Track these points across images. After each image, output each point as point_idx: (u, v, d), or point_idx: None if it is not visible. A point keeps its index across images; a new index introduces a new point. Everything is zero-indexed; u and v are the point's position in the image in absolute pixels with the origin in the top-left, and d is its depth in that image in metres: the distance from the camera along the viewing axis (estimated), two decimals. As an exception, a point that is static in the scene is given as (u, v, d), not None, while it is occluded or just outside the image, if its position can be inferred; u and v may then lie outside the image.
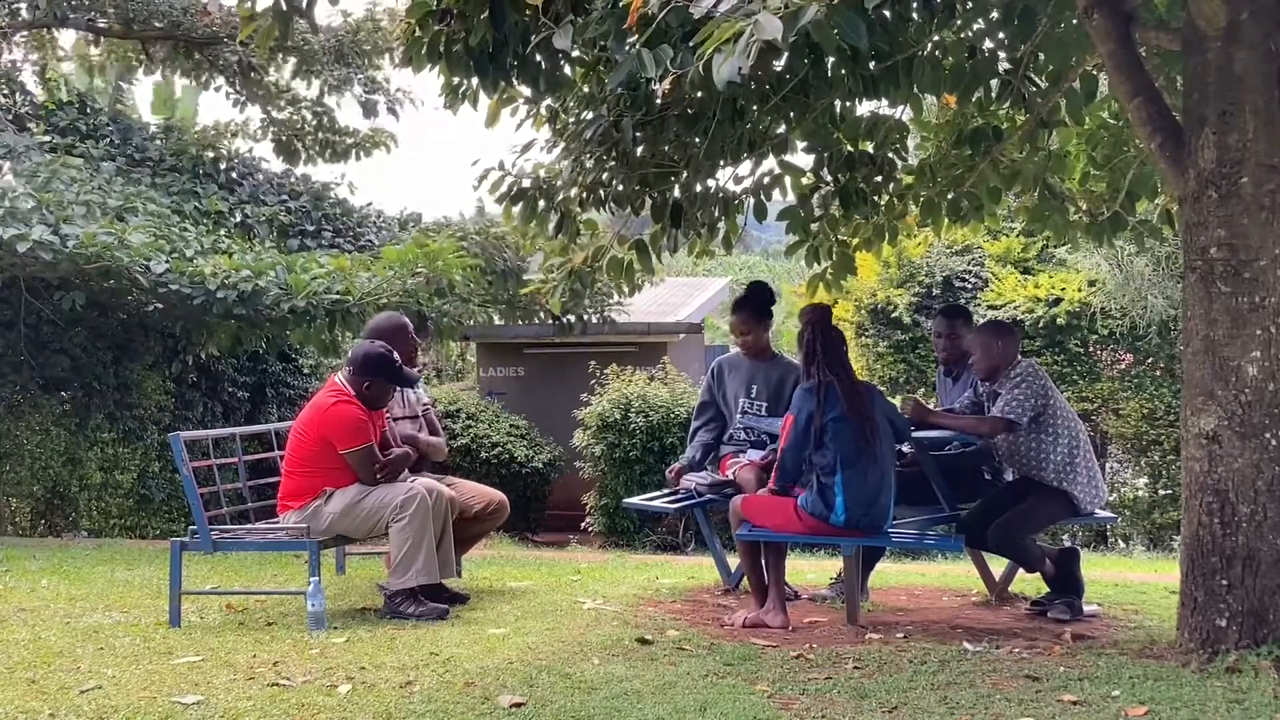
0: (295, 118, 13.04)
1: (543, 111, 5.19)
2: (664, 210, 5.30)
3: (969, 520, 5.62)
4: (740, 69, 2.86)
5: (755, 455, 5.92)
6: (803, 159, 5.64)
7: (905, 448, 6.17)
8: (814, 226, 5.89)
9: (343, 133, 13.20)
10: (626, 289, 5.79)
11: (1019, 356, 5.60)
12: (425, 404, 6.30)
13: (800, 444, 5.10)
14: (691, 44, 3.24)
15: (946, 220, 5.93)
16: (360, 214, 12.53)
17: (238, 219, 11.36)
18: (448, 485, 5.88)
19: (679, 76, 3.57)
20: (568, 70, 4.87)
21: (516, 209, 5.26)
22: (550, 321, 11.76)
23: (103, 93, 12.46)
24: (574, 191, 5.09)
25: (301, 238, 11.75)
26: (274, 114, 13.07)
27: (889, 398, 6.07)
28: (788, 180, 5.61)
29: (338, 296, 8.89)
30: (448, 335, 10.45)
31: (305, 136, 13.06)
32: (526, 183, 5.26)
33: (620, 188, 5.12)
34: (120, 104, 12.38)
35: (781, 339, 20.68)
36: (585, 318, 11.71)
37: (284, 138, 13.04)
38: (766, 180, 5.54)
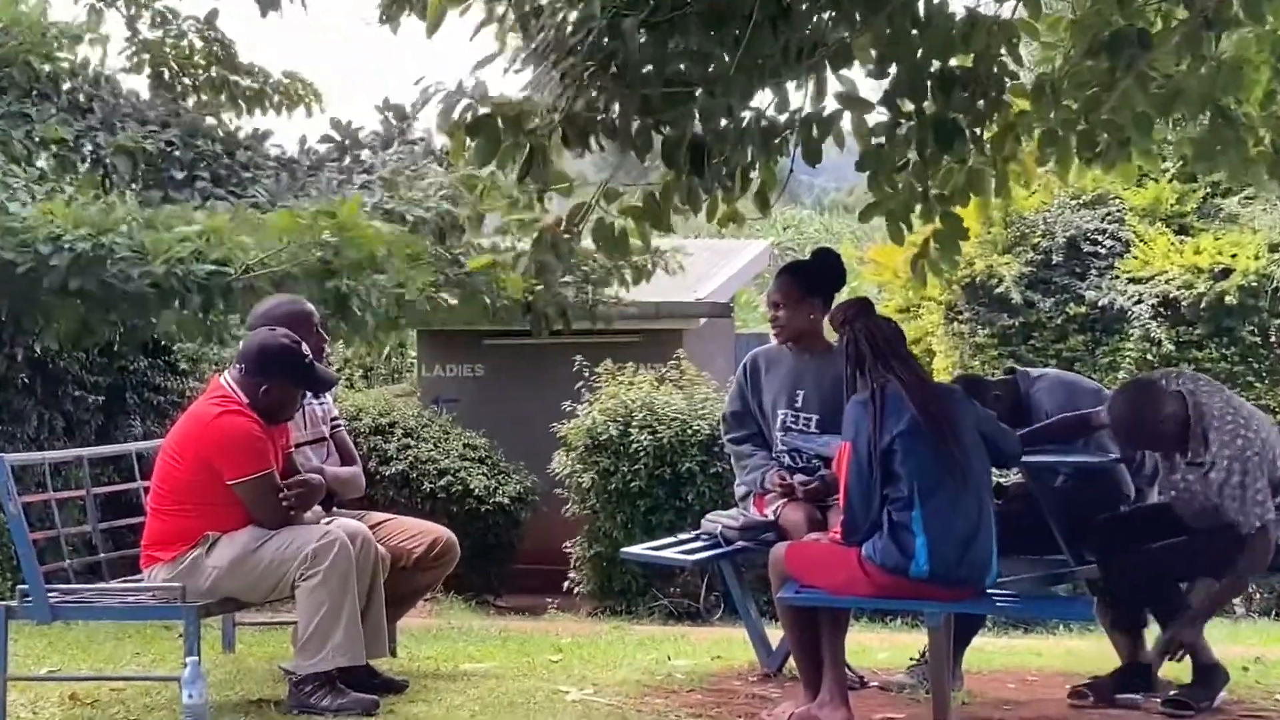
0: (176, 41, 12.92)
1: (509, 12, 5.15)
2: (679, 150, 5.24)
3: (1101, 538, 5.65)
4: None
5: (797, 485, 5.91)
6: (868, 84, 5.56)
7: (1011, 476, 6.17)
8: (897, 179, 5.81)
9: (246, 72, 13.11)
10: (629, 274, 5.70)
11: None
12: (335, 421, 6.29)
13: (866, 480, 5.08)
14: None
15: (1076, 160, 5.89)
16: (251, 153, 12.44)
17: (87, 150, 11.28)
18: (374, 526, 5.87)
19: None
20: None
21: (473, 143, 5.23)
22: (521, 313, 11.50)
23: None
24: (555, 118, 5.03)
25: (167, 186, 11.67)
26: (143, 30, 12.96)
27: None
28: (851, 120, 5.54)
29: (214, 268, 8.78)
30: (384, 329, 10.34)
31: (193, 71, 12.95)
32: (487, 108, 5.22)
33: (617, 118, 5.07)
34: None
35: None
36: (567, 306, 11.48)
37: (163, 71, 12.94)
38: (827, 114, 5.47)
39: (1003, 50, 5.50)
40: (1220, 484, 5.42)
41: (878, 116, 5.61)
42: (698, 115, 5.35)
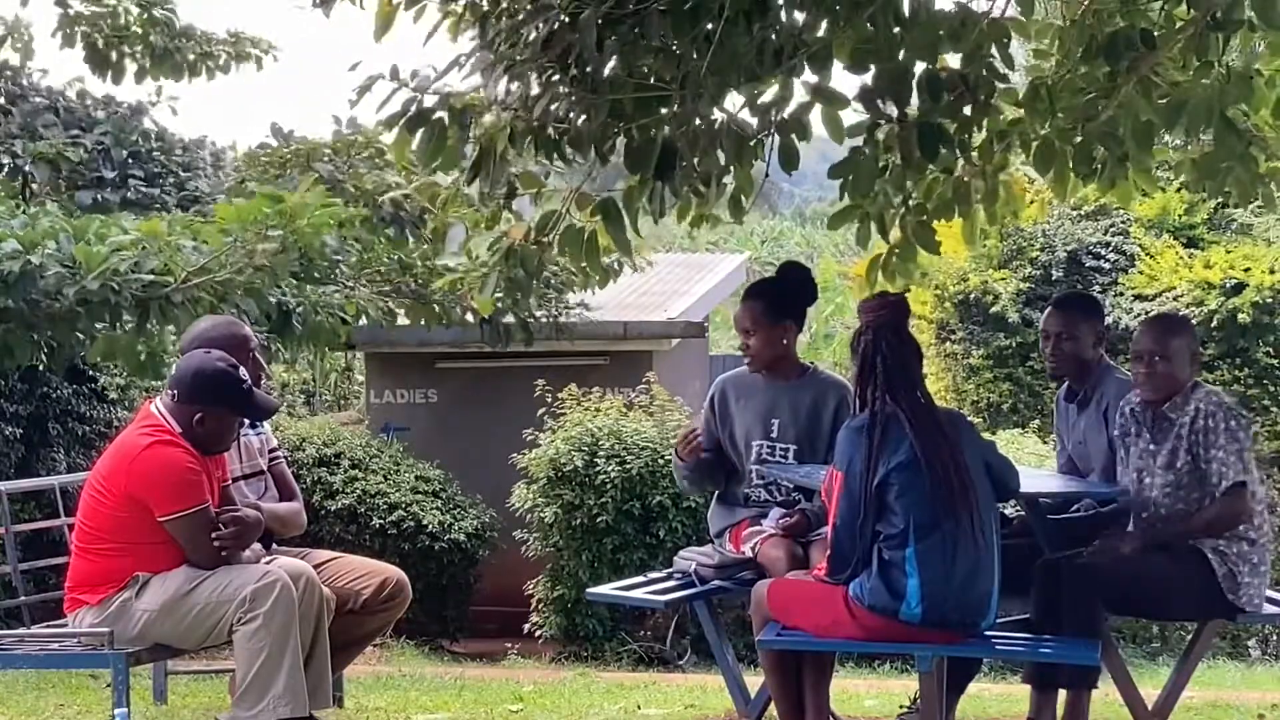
0: (111, 10, 12.92)
1: (466, 13, 5.17)
2: (647, 154, 5.27)
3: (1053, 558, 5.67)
4: None
5: (775, 519, 5.93)
6: (849, 81, 5.61)
7: (1009, 509, 6.20)
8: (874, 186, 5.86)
9: (186, 35, 13.10)
10: (595, 278, 5.74)
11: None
12: (274, 452, 6.28)
13: (856, 513, 5.11)
14: None
15: (1073, 175, 5.93)
16: (189, 150, 12.44)
17: (4, 158, 11.29)
18: (318, 566, 5.87)
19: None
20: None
21: (415, 136, 5.23)
22: (478, 324, 11.62)
23: None
24: (502, 115, 5.04)
25: (98, 188, 11.68)
26: (75, 4, 12.96)
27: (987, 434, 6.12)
28: (822, 114, 5.57)
29: (152, 278, 8.79)
30: (324, 341, 10.38)
31: (130, 40, 12.94)
32: (431, 100, 5.23)
33: (581, 121, 5.09)
34: None
35: (827, 349, 20.67)
36: (529, 318, 11.61)
37: (99, 42, 12.94)
38: (799, 111, 5.52)
39: (993, 51, 5.54)
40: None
41: (855, 116, 5.66)
42: (668, 118, 5.38)
